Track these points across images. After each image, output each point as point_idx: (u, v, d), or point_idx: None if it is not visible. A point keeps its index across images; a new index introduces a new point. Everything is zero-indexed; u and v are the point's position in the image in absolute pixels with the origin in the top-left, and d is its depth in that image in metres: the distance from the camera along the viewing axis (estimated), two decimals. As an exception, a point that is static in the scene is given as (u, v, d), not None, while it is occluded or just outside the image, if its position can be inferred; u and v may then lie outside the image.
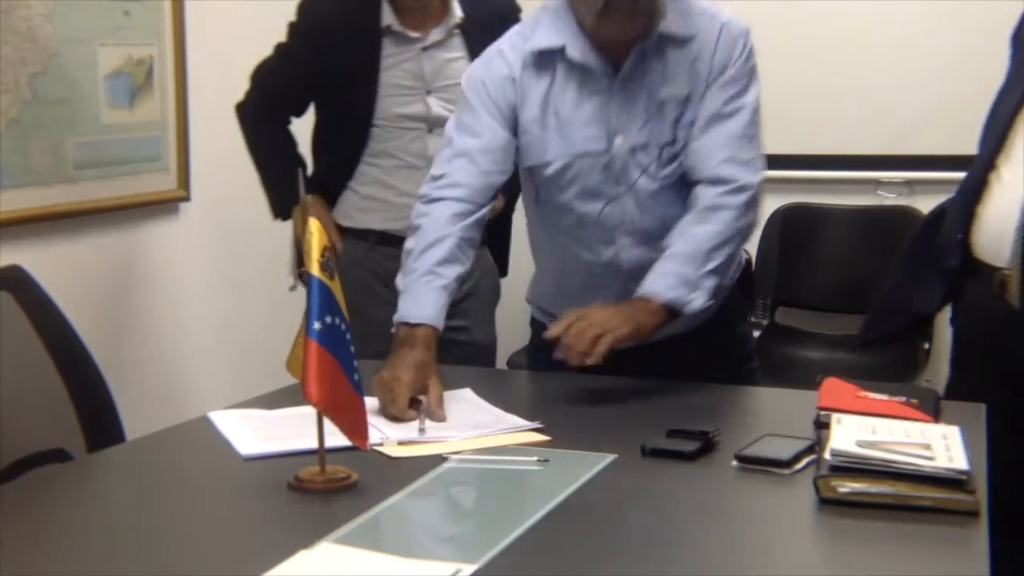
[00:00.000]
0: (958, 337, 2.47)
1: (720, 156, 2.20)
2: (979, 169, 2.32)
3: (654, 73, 2.21)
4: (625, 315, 2.16)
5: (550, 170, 2.27)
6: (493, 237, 2.92)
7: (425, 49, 2.83)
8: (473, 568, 1.42)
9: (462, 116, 2.28)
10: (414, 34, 2.82)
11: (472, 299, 2.92)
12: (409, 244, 2.24)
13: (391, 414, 2.03)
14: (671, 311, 2.17)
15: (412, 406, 2.04)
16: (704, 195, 2.20)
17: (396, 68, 2.83)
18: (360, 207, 2.94)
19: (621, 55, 2.21)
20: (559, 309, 2.26)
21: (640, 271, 2.23)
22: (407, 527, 1.64)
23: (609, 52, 2.21)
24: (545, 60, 2.24)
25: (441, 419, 2.03)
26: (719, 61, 2.21)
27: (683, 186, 2.25)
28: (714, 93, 2.21)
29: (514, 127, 2.27)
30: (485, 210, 2.27)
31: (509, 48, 2.27)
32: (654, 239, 2.24)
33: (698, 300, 2.16)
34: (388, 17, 2.81)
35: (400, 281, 2.22)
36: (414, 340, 2.12)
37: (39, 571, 1.46)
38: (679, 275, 2.16)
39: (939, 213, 2.52)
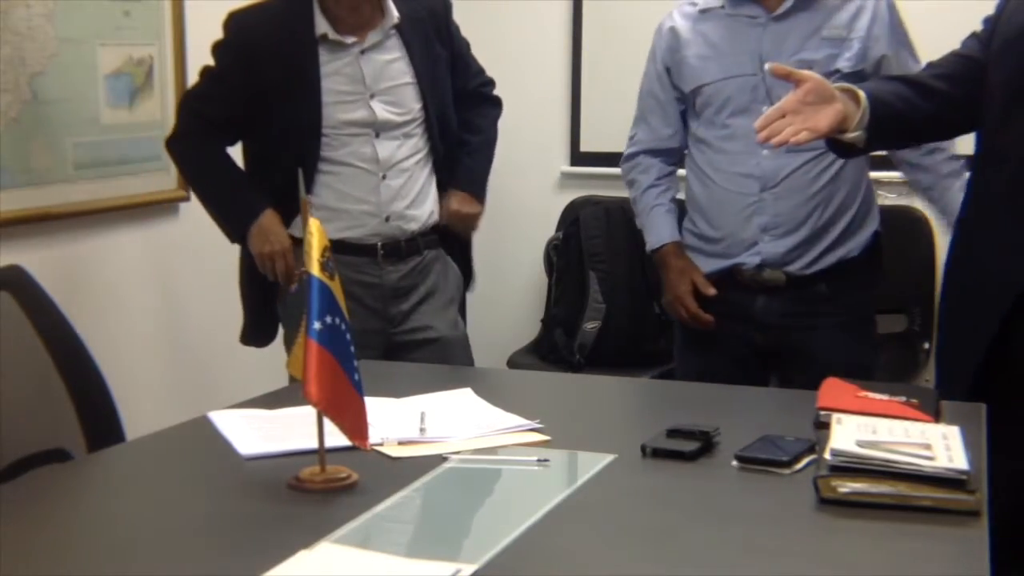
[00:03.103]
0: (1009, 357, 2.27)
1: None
2: None
3: (808, 16, 2.69)
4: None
5: (708, 90, 2.75)
6: (452, 246, 2.96)
7: (363, 52, 2.75)
8: (473, 568, 1.42)
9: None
10: (350, 39, 2.74)
11: (431, 299, 2.89)
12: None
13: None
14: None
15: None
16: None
17: (336, 75, 2.75)
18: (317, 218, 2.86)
19: (775, 3, 2.71)
20: (702, 223, 2.83)
21: (772, 179, 2.70)
22: (407, 527, 1.64)
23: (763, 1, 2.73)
24: (709, 13, 2.79)
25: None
26: (881, 24, 2.70)
27: None
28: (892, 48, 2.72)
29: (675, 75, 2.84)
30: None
31: (678, 13, 2.85)
32: (789, 152, 2.62)
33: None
34: (322, 25, 2.72)
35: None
36: None
37: (39, 571, 1.46)
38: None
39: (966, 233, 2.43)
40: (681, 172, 2.99)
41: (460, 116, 2.93)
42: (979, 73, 2.31)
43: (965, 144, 2.53)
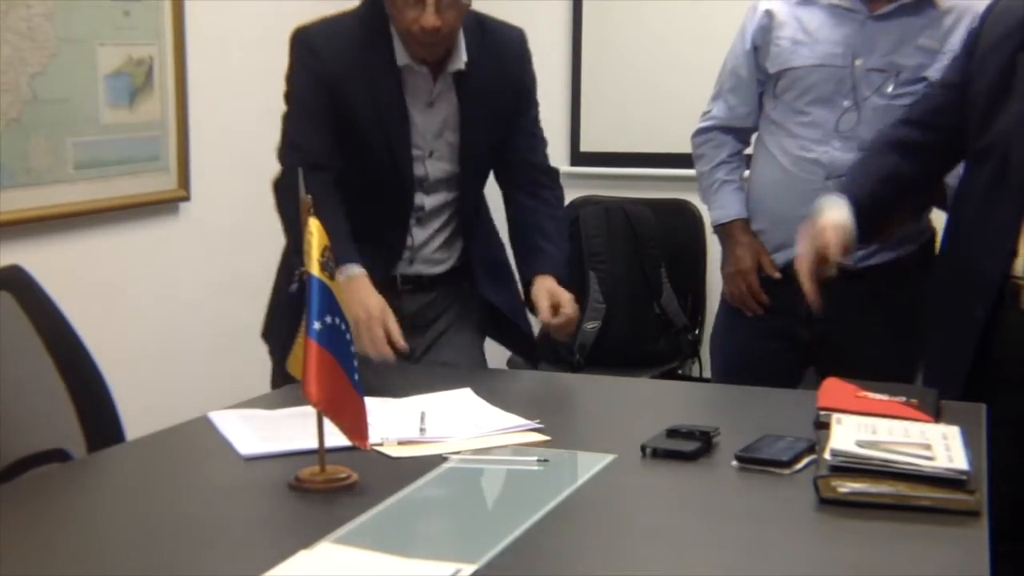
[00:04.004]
0: (993, 366, 2.30)
1: None
2: (1020, 175, 2.25)
3: (907, 21, 2.71)
4: None
5: (794, 74, 2.78)
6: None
7: (431, 105, 2.48)
8: (473, 568, 1.42)
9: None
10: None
11: (453, 333, 2.65)
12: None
13: None
14: None
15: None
16: None
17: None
18: None
19: (879, 5, 2.72)
20: (761, 206, 2.87)
21: (839, 169, 2.70)
22: (407, 527, 1.64)
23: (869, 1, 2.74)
24: (809, 1, 2.79)
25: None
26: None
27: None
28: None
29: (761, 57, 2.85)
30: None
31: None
32: (863, 149, 2.65)
33: None
34: (403, 56, 2.43)
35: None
36: None
37: (39, 571, 1.46)
38: None
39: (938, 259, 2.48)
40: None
41: (524, 192, 2.64)
42: (957, 98, 2.40)
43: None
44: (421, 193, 2.53)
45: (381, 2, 2.42)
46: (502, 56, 2.53)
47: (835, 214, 2.41)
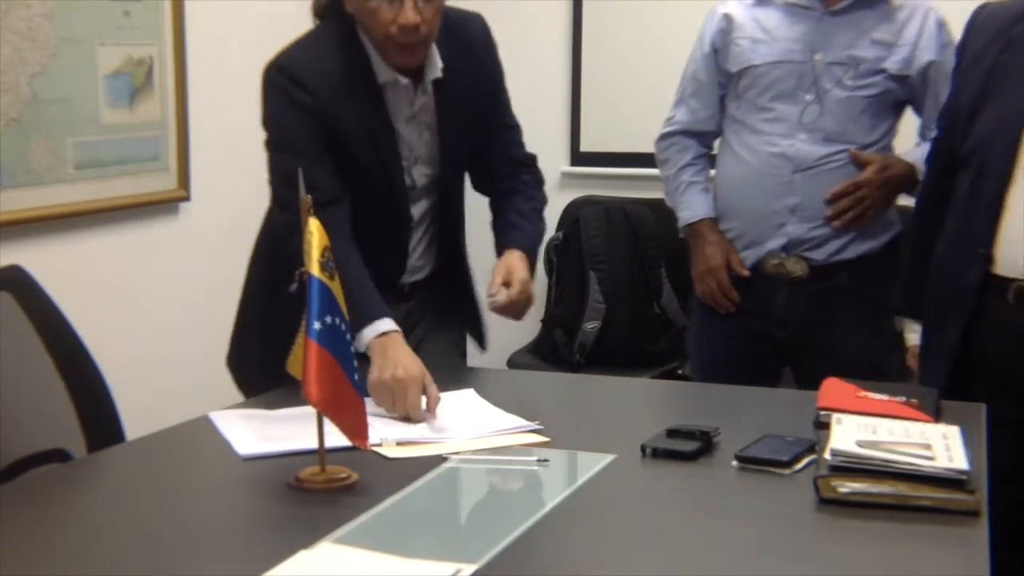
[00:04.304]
0: (977, 359, 2.34)
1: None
2: (996, 178, 2.28)
3: (862, 16, 2.79)
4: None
5: (755, 72, 2.83)
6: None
7: (414, 117, 2.39)
8: (473, 568, 1.42)
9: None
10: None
11: (433, 340, 2.54)
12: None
13: None
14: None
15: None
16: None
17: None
18: None
19: (834, 1, 2.79)
20: (729, 204, 2.90)
21: (805, 162, 2.78)
22: (407, 527, 1.64)
23: None
24: (766, 1, 2.86)
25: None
26: (929, 36, 2.80)
27: (869, 105, 2.79)
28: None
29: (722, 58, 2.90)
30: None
31: (732, 1, 2.91)
32: (827, 141, 2.78)
33: None
34: (384, 72, 2.33)
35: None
36: None
37: (39, 571, 1.46)
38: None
39: (924, 248, 2.49)
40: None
41: (504, 183, 2.54)
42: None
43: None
44: (409, 204, 2.45)
45: (349, 21, 2.31)
46: (472, 53, 2.43)
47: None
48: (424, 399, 2.05)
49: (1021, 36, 2.33)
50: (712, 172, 3.02)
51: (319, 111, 2.29)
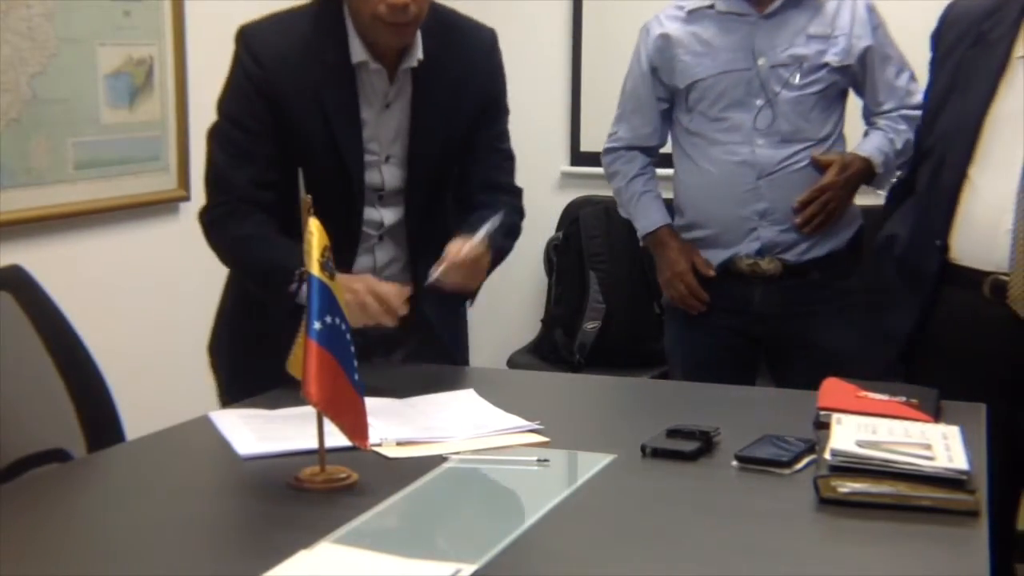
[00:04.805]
0: (932, 342, 2.41)
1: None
2: (953, 172, 2.34)
3: (795, 14, 2.83)
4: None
5: (703, 85, 2.85)
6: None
7: (388, 106, 2.32)
8: (473, 568, 1.42)
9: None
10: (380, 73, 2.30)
11: (426, 350, 2.48)
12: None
13: None
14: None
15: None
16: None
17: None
18: None
19: (764, 5, 2.83)
20: (697, 214, 2.92)
21: (768, 167, 2.82)
22: (407, 527, 1.64)
23: (753, 2, 2.84)
24: (698, 14, 2.89)
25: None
26: (861, 22, 2.86)
27: (818, 100, 2.84)
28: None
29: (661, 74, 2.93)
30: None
31: (664, 16, 2.93)
32: (785, 142, 2.82)
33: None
34: (359, 52, 2.27)
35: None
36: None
37: (39, 571, 1.46)
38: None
39: (888, 236, 2.54)
40: (662, 172, 3.09)
41: (479, 204, 2.38)
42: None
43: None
44: (379, 207, 2.35)
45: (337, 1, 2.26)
46: (465, 56, 2.36)
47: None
48: (389, 294, 2.11)
49: (990, 32, 2.38)
50: (659, 180, 3.07)
51: (264, 83, 2.26)
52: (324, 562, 1.44)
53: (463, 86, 2.36)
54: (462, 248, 2.17)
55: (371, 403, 1.78)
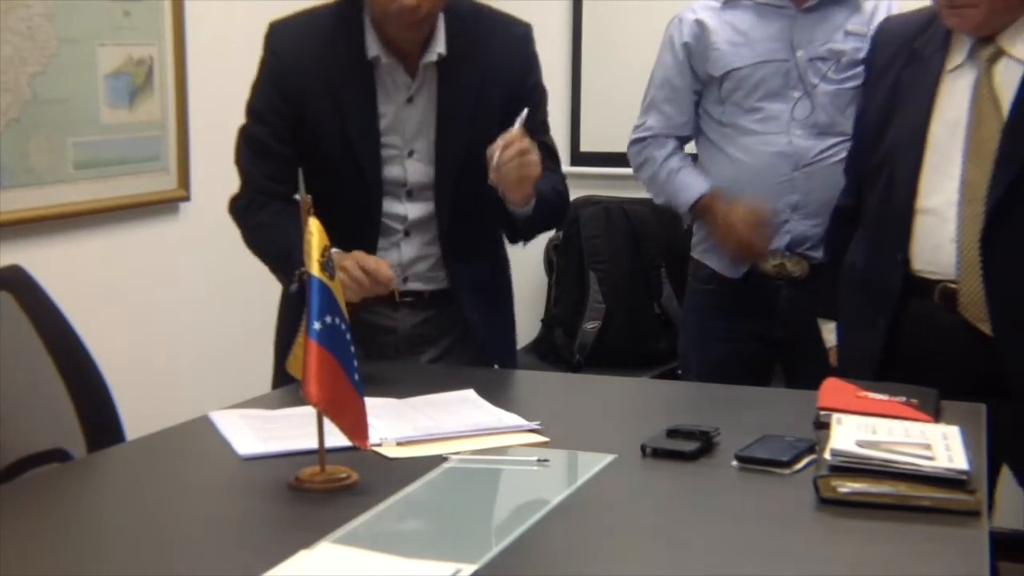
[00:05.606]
0: (901, 355, 2.43)
1: None
2: (904, 188, 2.38)
3: (833, 10, 2.84)
4: None
5: (739, 75, 2.85)
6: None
7: (410, 100, 2.34)
8: (473, 568, 1.42)
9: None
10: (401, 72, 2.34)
11: (457, 352, 2.49)
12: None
13: None
14: None
15: None
16: None
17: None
18: None
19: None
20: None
21: (804, 159, 2.82)
22: (407, 527, 1.64)
23: None
24: (733, 3, 2.89)
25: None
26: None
27: (854, 96, 2.77)
28: None
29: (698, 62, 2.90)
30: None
31: (699, 6, 2.93)
32: (822, 135, 2.82)
33: None
34: (374, 47, 2.31)
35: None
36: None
37: (39, 571, 1.46)
38: None
39: (850, 264, 2.57)
40: None
41: None
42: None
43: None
44: (405, 201, 2.37)
45: None
46: (493, 50, 2.35)
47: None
48: (377, 268, 2.15)
49: (922, 49, 2.43)
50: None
51: (282, 77, 2.33)
52: (324, 562, 1.44)
53: (491, 80, 2.36)
54: (498, 143, 2.16)
55: (371, 403, 1.77)
